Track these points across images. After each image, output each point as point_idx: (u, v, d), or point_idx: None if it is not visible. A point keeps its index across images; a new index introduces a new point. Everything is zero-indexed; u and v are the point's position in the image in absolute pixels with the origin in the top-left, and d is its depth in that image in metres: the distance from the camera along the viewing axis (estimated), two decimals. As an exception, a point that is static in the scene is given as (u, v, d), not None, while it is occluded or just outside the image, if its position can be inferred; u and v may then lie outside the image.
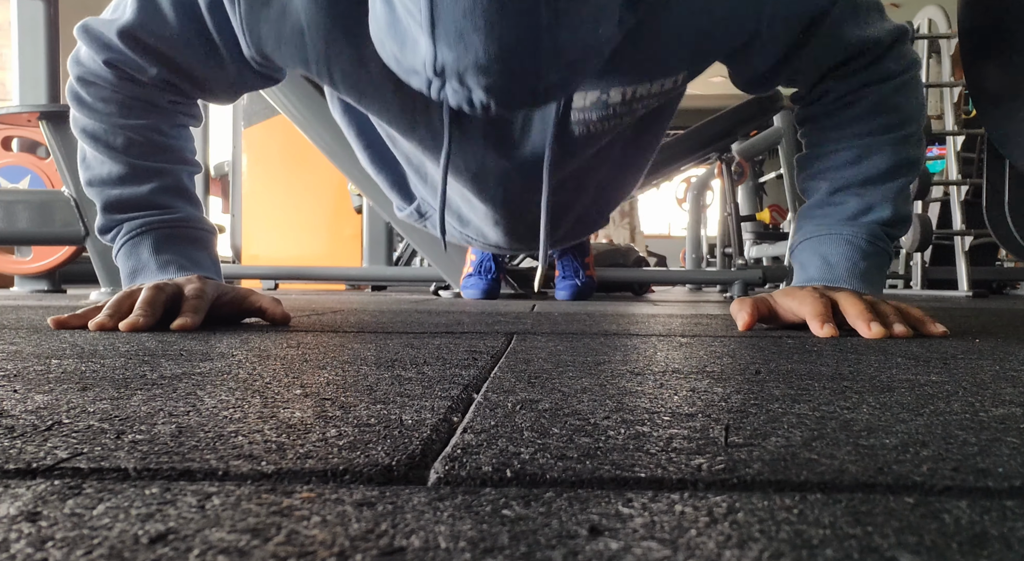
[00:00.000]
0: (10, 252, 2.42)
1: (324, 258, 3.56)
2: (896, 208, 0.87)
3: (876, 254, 0.86)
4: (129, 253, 0.87)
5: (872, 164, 0.87)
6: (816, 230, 0.89)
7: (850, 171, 0.88)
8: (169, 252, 0.87)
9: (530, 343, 0.67)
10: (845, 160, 0.89)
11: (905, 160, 0.88)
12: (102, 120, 0.87)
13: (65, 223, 1.94)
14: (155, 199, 0.88)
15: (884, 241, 0.86)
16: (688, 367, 0.50)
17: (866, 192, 0.87)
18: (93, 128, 0.87)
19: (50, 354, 0.54)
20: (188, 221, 0.90)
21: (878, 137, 0.88)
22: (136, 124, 0.87)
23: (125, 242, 0.87)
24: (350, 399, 0.37)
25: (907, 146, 0.88)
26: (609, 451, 0.26)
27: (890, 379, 0.45)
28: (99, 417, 0.31)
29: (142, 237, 0.87)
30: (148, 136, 0.89)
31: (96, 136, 0.87)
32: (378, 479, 0.23)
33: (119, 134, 0.87)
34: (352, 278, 2.72)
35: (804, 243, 0.90)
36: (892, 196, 0.87)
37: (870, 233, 0.86)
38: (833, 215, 0.88)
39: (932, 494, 0.22)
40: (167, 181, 0.90)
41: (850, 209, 0.87)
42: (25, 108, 1.99)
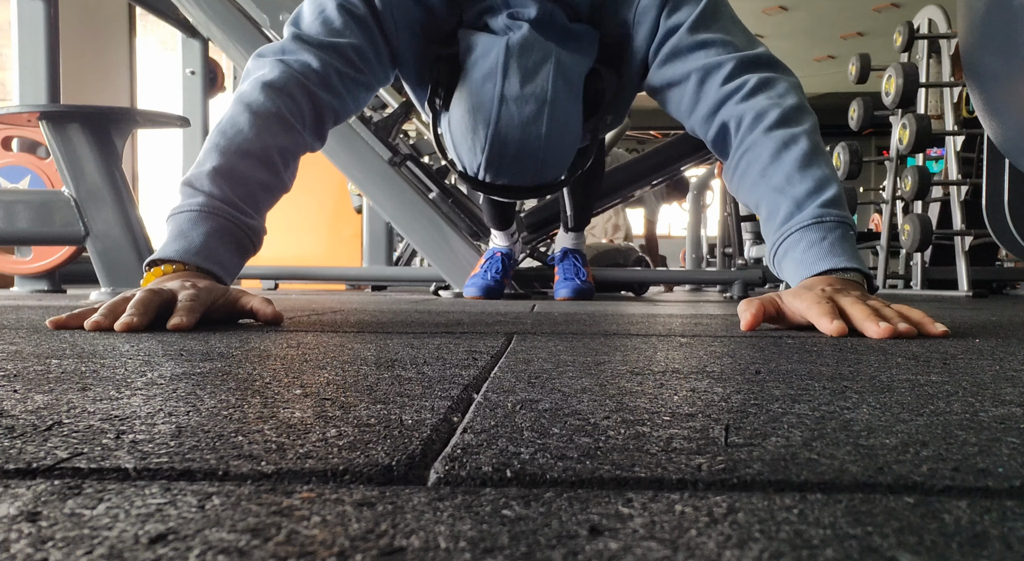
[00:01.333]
0: (10, 252, 2.42)
1: (324, 258, 3.56)
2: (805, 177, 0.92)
3: (831, 229, 0.89)
4: (187, 219, 0.89)
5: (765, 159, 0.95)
6: (775, 240, 0.94)
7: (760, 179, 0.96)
8: (216, 244, 0.89)
9: (530, 343, 0.67)
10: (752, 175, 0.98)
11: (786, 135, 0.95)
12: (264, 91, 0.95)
13: (65, 223, 1.94)
14: (254, 191, 0.94)
15: (828, 214, 0.89)
16: (688, 367, 0.50)
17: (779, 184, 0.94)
18: (256, 102, 0.95)
19: (50, 354, 0.54)
20: (254, 231, 0.95)
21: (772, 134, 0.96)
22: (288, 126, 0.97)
23: (195, 211, 0.89)
24: (350, 399, 0.37)
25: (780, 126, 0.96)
26: (609, 451, 0.26)
27: (890, 379, 0.45)
28: (99, 417, 0.31)
29: (211, 218, 0.89)
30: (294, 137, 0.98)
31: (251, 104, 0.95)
32: (378, 479, 0.23)
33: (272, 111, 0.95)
34: (352, 278, 2.72)
35: (775, 260, 0.96)
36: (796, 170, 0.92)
37: (813, 217, 0.90)
38: (776, 219, 0.94)
39: (932, 494, 0.22)
40: (272, 182, 0.97)
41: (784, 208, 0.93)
42: (25, 108, 1.99)
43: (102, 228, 1.92)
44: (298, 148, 1.00)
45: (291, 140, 0.98)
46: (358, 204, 3.40)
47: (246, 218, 0.92)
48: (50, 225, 1.95)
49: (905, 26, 2.96)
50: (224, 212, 0.90)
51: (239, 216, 0.91)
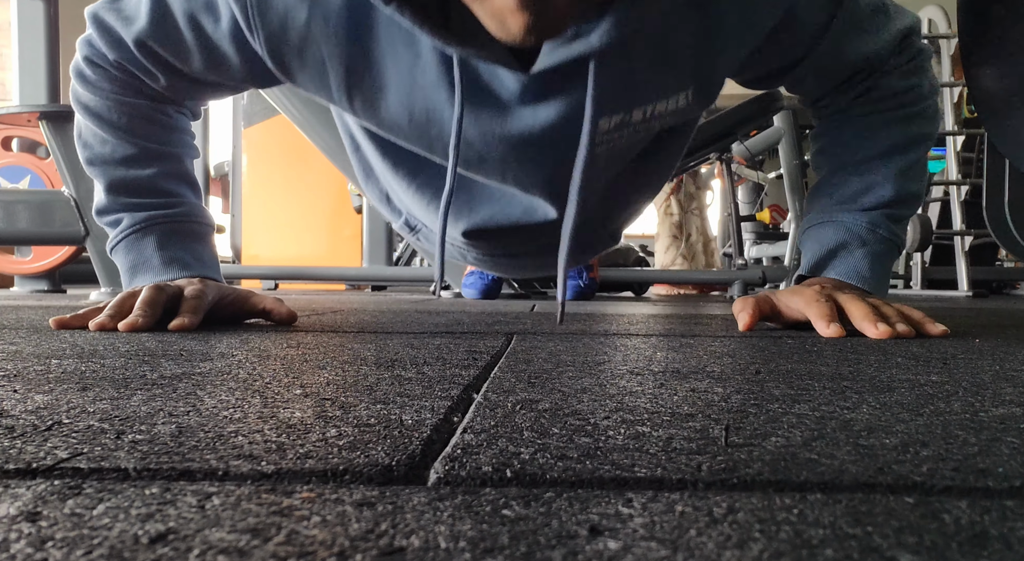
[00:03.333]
0: (10, 252, 2.42)
1: (324, 258, 3.56)
2: (899, 185, 0.85)
3: (877, 242, 0.84)
4: (130, 247, 0.86)
5: (875, 143, 0.86)
6: (818, 217, 0.88)
7: (853, 148, 0.87)
8: (173, 248, 0.86)
9: (530, 343, 0.67)
10: (849, 137, 0.88)
11: (911, 136, 0.86)
12: (106, 98, 0.86)
13: (65, 223, 1.94)
14: (159, 185, 0.88)
15: (886, 226, 0.85)
16: (688, 367, 0.50)
17: (867, 170, 0.86)
18: (96, 105, 0.86)
19: (50, 354, 0.54)
20: (191, 215, 0.89)
21: (883, 115, 0.87)
22: (140, 104, 0.87)
23: (127, 235, 0.86)
24: (350, 399, 0.37)
25: (914, 122, 0.87)
26: (609, 451, 0.26)
27: (890, 379, 0.45)
28: (99, 417, 0.31)
29: (146, 232, 0.86)
30: (151, 115, 0.88)
31: (99, 114, 0.86)
32: (378, 479, 0.23)
33: (122, 113, 0.86)
34: (352, 278, 2.72)
35: (808, 231, 0.90)
36: (894, 174, 0.85)
37: (871, 220, 0.84)
38: (834, 197, 0.87)
39: (932, 494, 0.22)
40: (170, 165, 0.89)
41: (852, 188, 0.86)
42: (25, 108, 1.99)
43: (102, 228, 1.92)
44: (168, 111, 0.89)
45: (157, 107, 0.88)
46: (358, 204, 3.40)
47: (175, 209, 0.88)
48: (50, 225, 1.95)
49: (905, 26, 2.95)
50: (155, 219, 0.86)
51: (169, 212, 0.87)
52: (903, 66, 0.86)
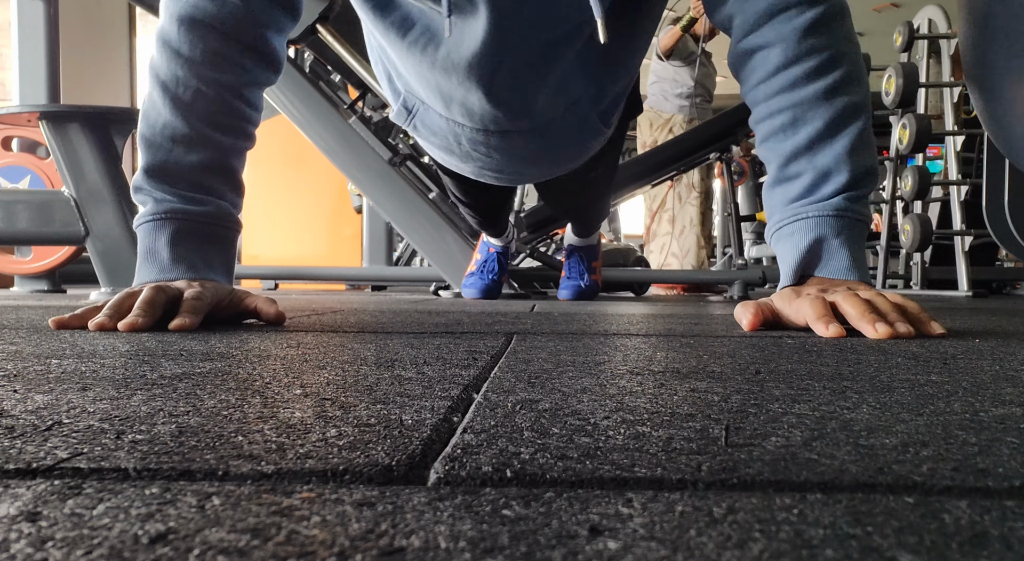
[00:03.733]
0: (10, 252, 2.42)
1: (324, 258, 3.56)
2: (853, 165, 0.83)
3: (848, 227, 0.83)
4: (148, 233, 0.86)
5: (811, 125, 0.84)
6: (783, 217, 0.87)
7: (792, 139, 0.85)
8: (184, 248, 0.86)
9: (530, 343, 0.67)
10: (782, 125, 0.86)
11: (846, 108, 0.84)
12: (183, 67, 0.86)
13: (65, 223, 1.94)
14: (195, 177, 0.87)
15: (851, 210, 0.84)
16: (688, 367, 0.50)
17: (816, 157, 0.84)
18: (168, 74, 0.86)
19: (50, 354, 0.54)
20: (215, 217, 0.88)
21: (805, 88, 0.84)
22: (214, 78, 0.87)
23: (148, 221, 0.86)
24: (350, 399, 0.37)
25: (842, 90, 0.84)
26: (609, 451, 0.26)
27: (890, 379, 0.45)
28: (99, 417, 0.31)
29: (164, 223, 0.86)
30: (222, 94, 0.88)
31: (167, 84, 0.86)
32: (378, 479, 0.23)
33: (192, 85, 0.86)
34: (352, 278, 2.72)
35: (776, 233, 0.88)
36: (844, 153, 0.83)
37: (835, 208, 0.83)
38: (792, 192, 0.86)
39: (932, 494, 0.22)
40: (215, 157, 0.88)
41: (805, 182, 0.85)
42: (25, 108, 1.99)
43: (102, 228, 1.92)
44: (242, 85, 0.90)
45: (232, 79, 0.89)
46: (358, 204, 3.40)
47: (200, 207, 0.87)
48: (50, 225, 1.95)
49: (905, 26, 2.96)
50: (176, 213, 0.86)
51: (192, 209, 0.87)
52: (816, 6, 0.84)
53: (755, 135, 0.93)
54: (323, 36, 2.05)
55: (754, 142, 0.98)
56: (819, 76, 0.84)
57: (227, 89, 0.88)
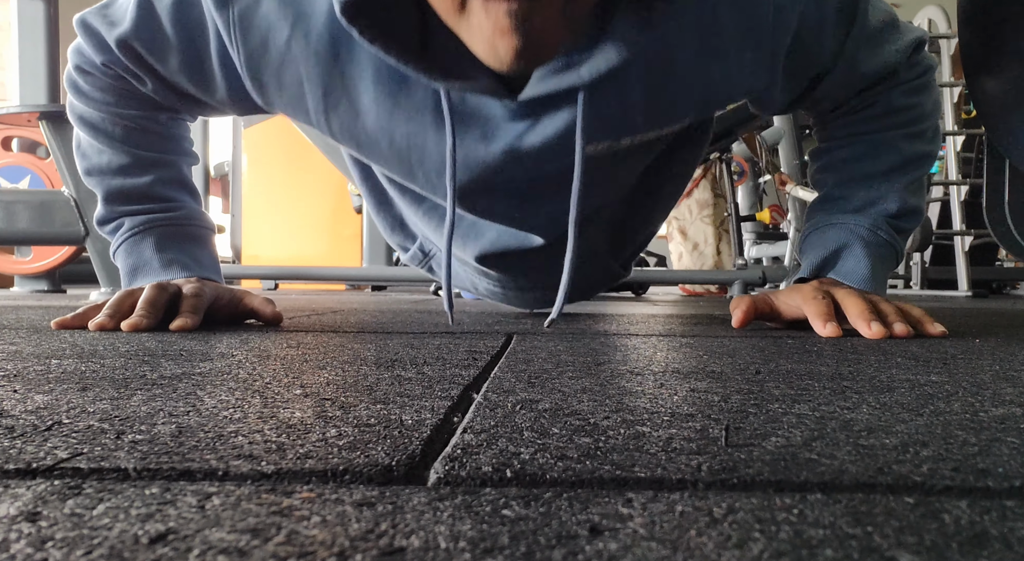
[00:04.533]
0: (10, 252, 2.42)
1: (324, 258, 3.56)
2: (903, 200, 0.86)
3: (879, 245, 0.85)
4: (130, 250, 0.87)
5: (881, 160, 0.87)
6: (821, 220, 0.88)
7: (858, 165, 0.88)
8: (172, 250, 0.86)
9: (530, 343, 0.67)
10: (854, 155, 0.88)
11: (915, 155, 0.87)
12: (99, 108, 0.86)
13: (65, 223, 1.94)
14: (156, 191, 0.88)
15: (888, 232, 0.85)
16: (688, 367, 0.50)
17: (873, 184, 0.87)
18: (90, 116, 0.87)
19: (50, 354, 0.54)
20: (190, 218, 0.89)
21: (889, 133, 0.87)
22: (133, 114, 0.87)
23: (127, 238, 0.87)
24: (350, 399, 0.37)
25: (918, 141, 0.88)
26: (609, 451, 0.26)
27: (890, 379, 0.45)
28: (99, 417, 0.31)
29: (144, 234, 0.86)
30: (146, 125, 0.88)
31: (94, 124, 0.87)
32: (378, 479, 0.23)
33: (117, 124, 0.86)
34: (352, 278, 2.72)
35: (810, 234, 0.90)
36: (900, 188, 0.86)
37: (873, 223, 0.85)
38: (839, 207, 0.88)
39: (932, 494, 0.22)
40: (167, 172, 0.89)
41: (856, 202, 0.87)
42: (25, 108, 1.99)
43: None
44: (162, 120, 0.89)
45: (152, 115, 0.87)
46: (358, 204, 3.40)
47: (174, 212, 0.88)
48: (50, 225, 1.95)
49: (905, 26, 2.96)
50: (154, 222, 0.87)
51: (167, 215, 0.88)
52: (912, 81, 0.86)
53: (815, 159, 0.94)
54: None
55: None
56: (905, 125, 0.87)
57: (150, 120, 0.88)
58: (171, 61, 0.78)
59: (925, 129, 0.88)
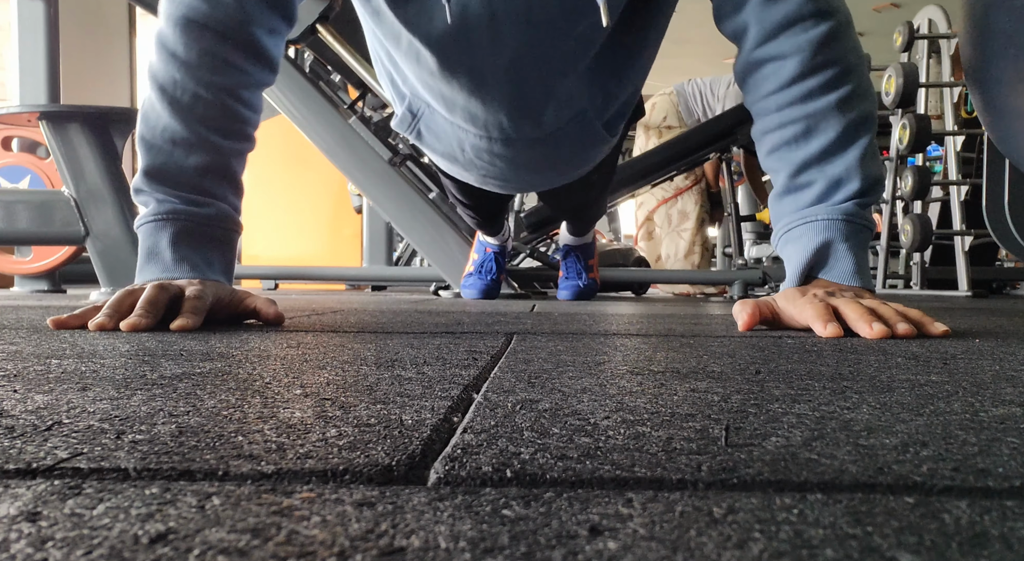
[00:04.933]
0: (10, 252, 2.42)
1: (324, 258, 3.56)
2: (864, 174, 0.85)
3: (856, 233, 0.85)
4: (150, 234, 0.87)
5: (824, 136, 0.85)
6: (792, 220, 0.88)
7: (804, 149, 0.86)
8: (186, 248, 0.86)
9: (530, 343, 0.67)
10: (794, 135, 0.87)
11: (856, 120, 0.86)
12: (180, 69, 0.86)
13: (65, 223, 1.94)
14: (195, 180, 0.88)
15: (859, 214, 0.85)
16: (688, 367, 0.50)
17: (828, 166, 0.85)
18: (166, 77, 0.86)
19: (50, 354, 0.54)
20: (216, 218, 0.89)
21: (819, 100, 0.85)
22: (211, 80, 0.87)
23: (149, 221, 0.87)
24: (350, 399, 0.37)
25: (854, 103, 0.86)
26: (609, 451, 0.26)
27: (890, 379, 0.45)
28: (99, 417, 0.31)
29: (166, 224, 0.86)
30: (220, 98, 0.88)
31: (165, 87, 0.86)
32: (378, 479, 0.23)
33: (190, 89, 0.86)
34: (352, 278, 2.72)
35: (785, 236, 0.89)
36: (856, 163, 0.85)
37: (845, 213, 0.84)
38: (803, 200, 0.87)
39: (932, 494, 0.22)
40: (216, 160, 0.89)
41: (817, 190, 0.86)
42: (25, 108, 1.99)
43: (102, 228, 1.92)
44: (239, 87, 0.90)
45: (229, 82, 0.88)
46: (358, 204, 3.40)
47: (201, 209, 0.88)
48: (50, 225, 1.95)
49: (905, 26, 2.96)
50: (178, 214, 0.86)
51: (193, 210, 0.87)
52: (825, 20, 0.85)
53: (759, 146, 0.92)
54: (323, 36, 2.05)
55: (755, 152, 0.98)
56: (832, 88, 0.85)
57: (225, 92, 0.88)
58: None
59: (855, 89, 0.86)
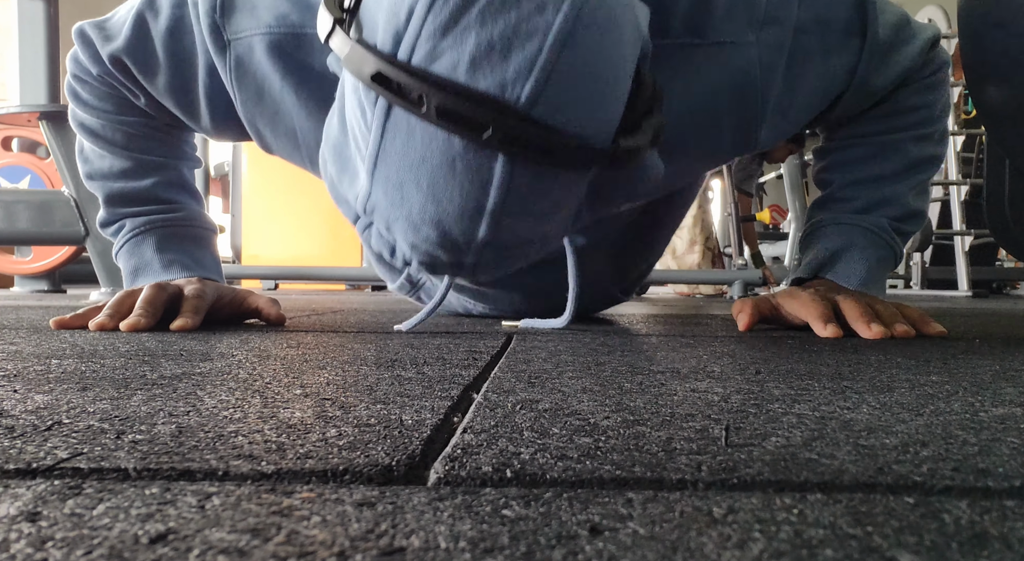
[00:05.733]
0: (10, 252, 2.42)
1: (324, 258, 3.56)
2: (908, 203, 0.85)
3: (879, 247, 0.84)
4: (132, 251, 0.87)
5: (889, 162, 0.86)
6: (825, 219, 0.88)
7: (865, 167, 0.87)
8: (173, 251, 0.87)
9: (530, 343, 0.67)
10: (861, 156, 0.87)
11: (923, 157, 0.87)
12: (99, 116, 0.87)
13: (65, 223, 1.94)
14: (157, 193, 0.89)
15: (890, 234, 0.85)
16: (688, 367, 0.50)
17: (879, 186, 0.86)
18: (91, 123, 0.87)
19: (50, 354, 0.54)
20: (191, 219, 0.90)
21: (897, 135, 0.86)
22: (133, 120, 0.87)
23: (128, 240, 0.87)
24: (350, 399, 0.37)
25: (926, 143, 0.87)
26: (609, 451, 0.26)
27: (890, 379, 0.45)
28: (99, 417, 0.31)
29: (145, 235, 0.87)
30: (146, 132, 0.88)
31: (94, 131, 0.87)
32: (378, 479, 0.23)
33: (117, 130, 0.87)
34: (352, 278, 2.72)
35: (811, 233, 0.89)
36: (905, 191, 0.85)
37: (876, 224, 0.84)
38: (843, 207, 0.87)
39: (932, 494, 0.22)
40: (168, 175, 0.90)
41: (860, 203, 0.86)
42: (25, 108, 1.99)
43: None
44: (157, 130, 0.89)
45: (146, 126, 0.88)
46: (358, 204, 3.39)
47: (174, 214, 0.89)
48: (50, 225, 1.95)
49: (905, 26, 2.96)
50: (154, 223, 0.87)
51: (168, 216, 0.88)
52: (927, 78, 0.85)
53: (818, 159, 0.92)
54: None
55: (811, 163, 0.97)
56: (913, 128, 0.86)
57: (150, 126, 0.88)
58: (159, 82, 0.79)
59: (934, 131, 0.88)
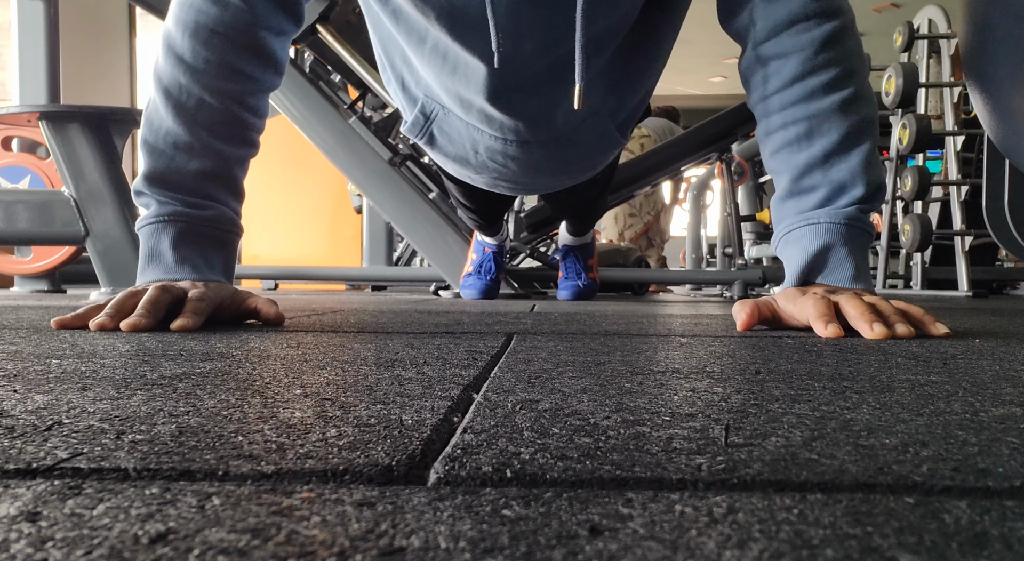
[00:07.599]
0: (10, 252, 2.42)
1: (324, 258, 3.56)
2: (867, 180, 0.85)
3: (856, 236, 0.84)
4: (151, 235, 0.87)
5: (826, 138, 0.85)
6: (794, 221, 0.87)
7: (806, 151, 0.86)
8: (187, 249, 0.86)
9: (530, 343, 0.67)
10: (796, 137, 0.86)
11: (859, 124, 0.85)
12: (186, 74, 0.86)
13: (65, 223, 1.94)
14: (197, 184, 0.88)
15: (861, 221, 0.85)
16: (688, 367, 0.50)
17: (831, 171, 0.85)
18: (171, 81, 0.87)
19: (50, 354, 0.54)
20: (216, 221, 0.89)
21: (822, 101, 0.85)
22: (219, 87, 0.87)
23: (150, 223, 0.87)
24: (350, 399, 0.37)
25: (856, 106, 0.86)
26: (609, 451, 0.26)
27: (890, 379, 0.45)
28: (99, 417, 0.31)
29: (167, 225, 0.86)
30: (225, 104, 0.88)
31: (170, 90, 0.87)
32: (378, 479, 0.23)
33: (195, 93, 0.86)
34: (352, 278, 2.72)
35: (785, 237, 0.89)
36: (859, 168, 0.85)
37: (847, 217, 0.84)
38: (806, 203, 0.87)
39: (932, 494, 0.22)
40: (218, 165, 0.89)
41: (821, 195, 0.86)
42: (25, 108, 1.99)
43: (102, 228, 1.92)
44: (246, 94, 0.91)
45: (236, 88, 0.89)
46: (358, 204, 3.40)
47: (203, 211, 0.88)
48: (50, 225, 1.95)
49: (905, 26, 2.96)
50: (179, 216, 0.86)
51: (194, 213, 0.87)
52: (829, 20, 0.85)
53: (763, 147, 0.92)
54: (323, 36, 2.05)
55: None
56: (835, 89, 0.85)
57: (231, 98, 0.89)
58: None
59: (856, 91, 0.86)
